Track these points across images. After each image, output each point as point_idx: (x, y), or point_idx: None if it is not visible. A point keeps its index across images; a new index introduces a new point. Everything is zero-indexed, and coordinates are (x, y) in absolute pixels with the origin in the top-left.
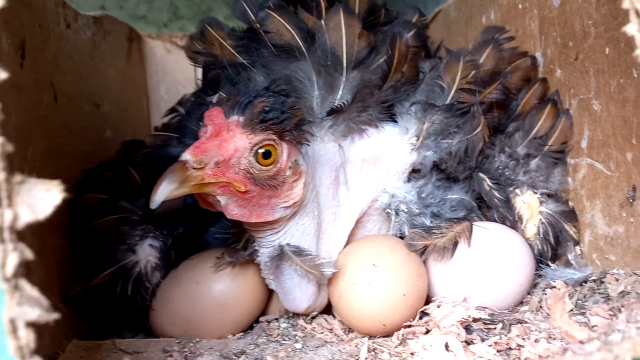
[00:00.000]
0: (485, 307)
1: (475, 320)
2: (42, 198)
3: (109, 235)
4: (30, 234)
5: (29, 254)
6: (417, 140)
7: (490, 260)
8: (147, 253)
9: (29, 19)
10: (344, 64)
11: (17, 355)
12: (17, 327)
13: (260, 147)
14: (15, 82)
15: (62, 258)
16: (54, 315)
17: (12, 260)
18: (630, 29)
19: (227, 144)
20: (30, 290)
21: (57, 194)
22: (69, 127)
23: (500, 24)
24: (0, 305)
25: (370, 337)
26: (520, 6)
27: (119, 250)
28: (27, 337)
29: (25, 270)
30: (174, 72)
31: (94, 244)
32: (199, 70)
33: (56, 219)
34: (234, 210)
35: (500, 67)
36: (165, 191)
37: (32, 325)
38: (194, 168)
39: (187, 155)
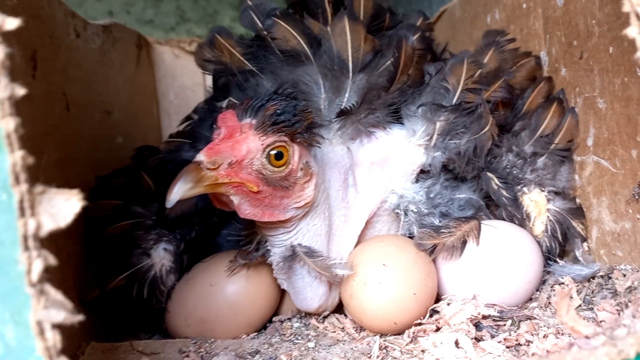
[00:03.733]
0: (495, 304)
1: (484, 317)
2: (63, 207)
3: (124, 240)
4: (47, 241)
5: (52, 260)
6: (426, 141)
7: (499, 258)
8: (161, 257)
9: (40, 30)
10: (350, 68)
11: (45, 355)
12: (44, 329)
13: (272, 149)
14: (27, 93)
15: (78, 263)
16: (79, 317)
17: (37, 267)
18: (631, 31)
19: (240, 146)
20: (54, 294)
21: (77, 202)
22: (80, 135)
23: (505, 23)
24: (26, 309)
25: (382, 335)
26: (524, 6)
27: (134, 254)
28: (54, 338)
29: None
30: (182, 77)
31: (109, 248)
32: (208, 76)
33: (71, 225)
34: (246, 210)
35: (503, 67)
36: (180, 191)
37: (58, 327)
38: (208, 169)
39: (201, 156)
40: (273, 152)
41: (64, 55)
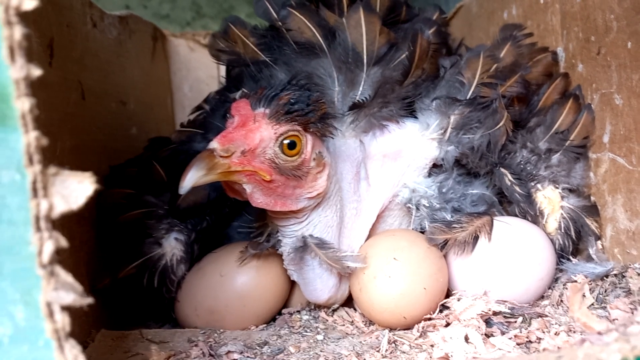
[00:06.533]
0: (506, 301)
1: (495, 313)
2: (75, 189)
3: (136, 229)
4: (59, 228)
5: (64, 242)
6: (440, 134)
7: (511, 255)
8: (172, 246)
9: (57, 18)
10: (365, 61)
11: (54, 337)
12: (54, 310)
13: (285, 138)
14: (44, 79)
15: (90, 251)
16: (88, 300)
17: (48, 248)
18: None
19: (253, 134)
20: (65, 276)
21: (89, 185)
22: (96, 124)
23: (522, 19)
24: (36, 290)
25: (391, 329)
26: (542, 1)
27: (146, 243)
28: (63, 320)
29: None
30: (197, 70)
31: (121, 237)
32: (222, 68)
33: (84, 212)
34: (259, 199)
35: (520, 62)
36: (193, 177)
37: (67, 309)
38: (221, 156)
39: (214, 144)
40: (286, 141)
41: (81, 45)
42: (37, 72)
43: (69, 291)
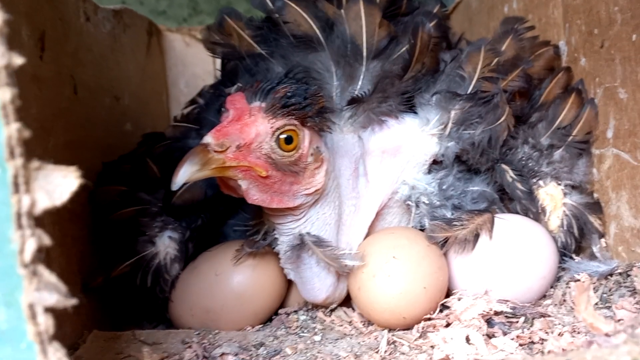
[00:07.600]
0: (507, 301)
1: (496, 313)
2: (60, 184)
3: (129, 227)
4: (51, 225)
5: (47, 240)
6: (440, 130)
7: (512, 253)
8: (166, 245)
9: (50, 12)
10: (364, 54)
11: (36, 340)
12: (36, 312)
13: (282, 132)
14: (35, 74)
15: (83, 249)
16: (72, 301)
17: (31, 246)
18: None
19: (249, 128)
20: (48, 276)
21: (74, 180)
22: (89, 119)
23: (523, 13)
24: (18, 291)
25: (390, 329)
26: None
27: (139, 241)
28: (46, 322)
29: (46, 259)
30: (193, 66)
31: (115, 235)
32: (218, 63)
33: (77, 209)
34: (255, 195)
35: (521, 56)
36: (186, 173)
37: (51, 310)
38: (215, 151)
39: (208, 138)
40: (283, 136)
41: (74, 39)
42: (19, 60)
43: (53, 292)
